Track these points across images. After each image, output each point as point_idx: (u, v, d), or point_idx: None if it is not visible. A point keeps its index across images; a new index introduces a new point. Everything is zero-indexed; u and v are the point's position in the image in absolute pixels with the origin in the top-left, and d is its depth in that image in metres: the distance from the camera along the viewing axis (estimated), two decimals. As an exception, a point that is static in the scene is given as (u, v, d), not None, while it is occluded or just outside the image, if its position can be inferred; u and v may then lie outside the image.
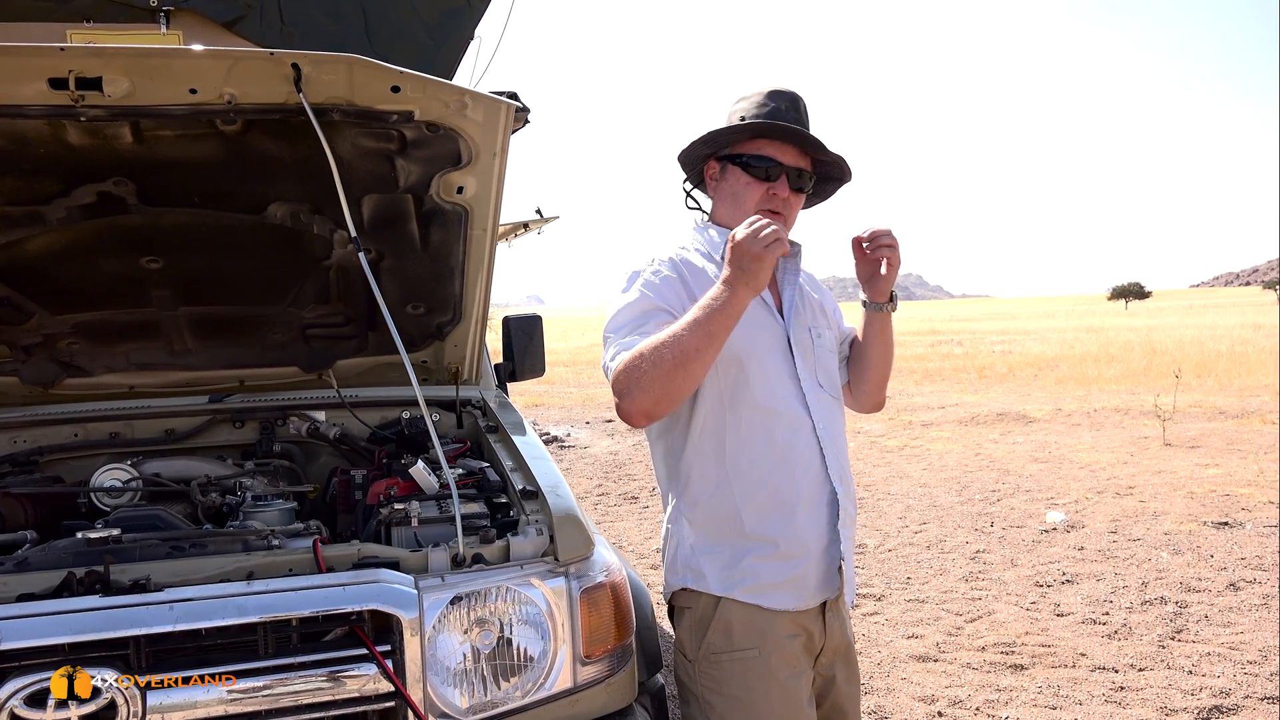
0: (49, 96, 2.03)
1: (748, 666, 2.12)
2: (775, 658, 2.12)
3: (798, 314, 2.26)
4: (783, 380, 2.18)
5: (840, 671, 2.29)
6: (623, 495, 9.02)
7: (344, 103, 2.18)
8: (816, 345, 2.26)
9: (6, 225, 2.42)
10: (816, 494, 2.16)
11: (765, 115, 2.18)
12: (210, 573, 1.87)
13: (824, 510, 2.16)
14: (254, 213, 2.54)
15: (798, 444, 2.15)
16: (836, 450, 2.21)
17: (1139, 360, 21.14)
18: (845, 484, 2.21)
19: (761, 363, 2.16)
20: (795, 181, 2.19)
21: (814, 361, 2.25)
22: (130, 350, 2.96)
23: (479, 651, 1.94)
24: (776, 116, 2.17)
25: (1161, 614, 5.23)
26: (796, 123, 2.18)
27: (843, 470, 2.21)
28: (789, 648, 2.15)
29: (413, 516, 2.16)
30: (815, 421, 2.17)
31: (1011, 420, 13.08)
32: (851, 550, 2.25)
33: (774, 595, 2.13)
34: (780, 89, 2.23)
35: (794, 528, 2.13)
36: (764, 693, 2.12)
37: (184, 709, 1.72)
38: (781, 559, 2.13)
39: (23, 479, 2.70)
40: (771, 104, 2.19)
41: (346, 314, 2.95)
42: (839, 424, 2.28)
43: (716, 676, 2.14)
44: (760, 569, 2.12)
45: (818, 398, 2.21)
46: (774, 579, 2.13)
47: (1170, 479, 8.78)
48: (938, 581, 6.01)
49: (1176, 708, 4.08)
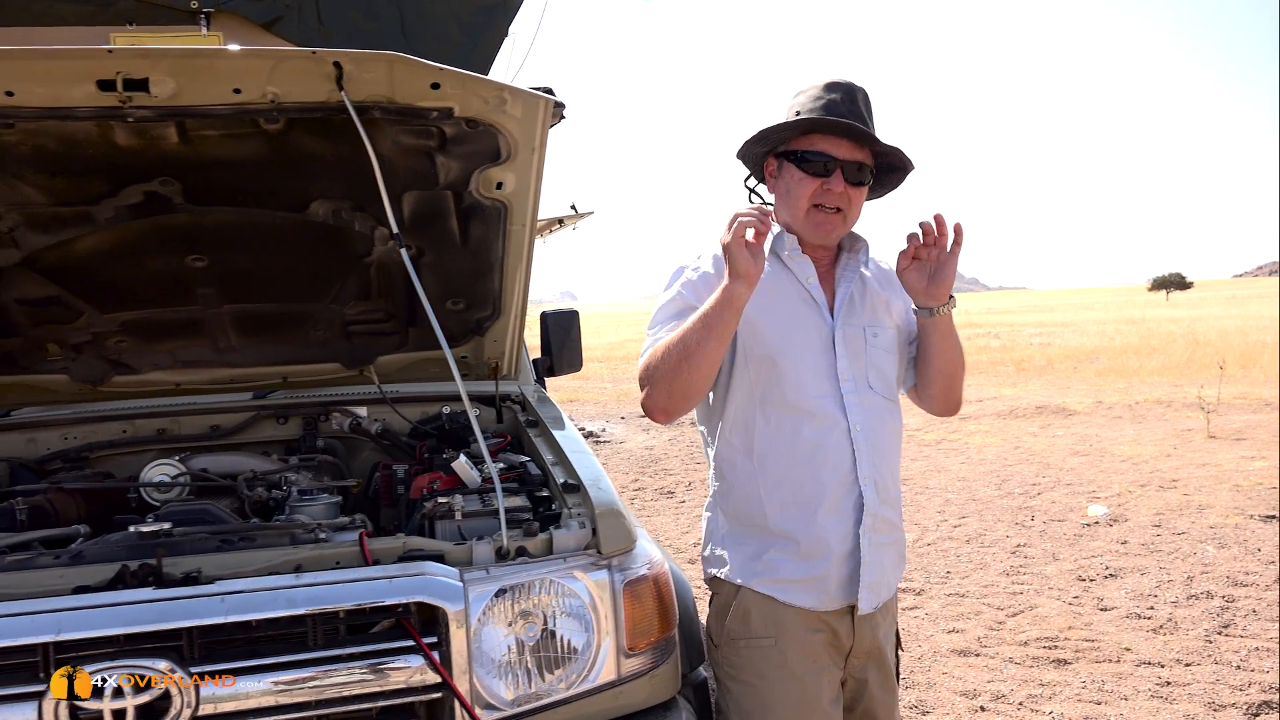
0: (97, 98, 2.06)
1: (763, 655, 2.16)
2: (792, 650, 2.14)
3: (851, 312, 2.22)
4: (818, 380, 2.16)
5: (873, 676, 2.25)
6: (659, 490, 9.03)
7: (385, 100, 2.19)
8: (870, 345, 2.21)
9: (57, 225, 2.47)
10: (842, 496, 2.14)
11: (820, 109, 2.12)
12: (259, 565, 1.89)
13: (849, 513, 2.14)
14: (296, 211, 2.56)
15: (827, 444, 2.13)
16: (875, 454, 2.16)
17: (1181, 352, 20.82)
18: (881, 489, 2.16)
19: (795, 361, 2.15)
20: (853, 175, 2.13)
21: (865, 362, 2.20)
22: (176, 348, 3.00)
23: (523, 643, 1.96)
24: (831, 109, 2.12)
25: (1208, 608, 5.16)
26: (852, 115, 2.12)
27: (879, 474, 2.16)
28: (808, 641, 2.15)
29: (456, 510, 2.18)
30: (851, 423, 2.14)
31: (1051, 413, 12.94)
32: (885, 561, 2.19)
33: (791, 591, 2.15)
34: (837, 80, 2.16)
35: (815, 527, 2.13)
36: (778, 682, 2.15)
37: (236, 699, 1.75)
38: (802, 557, 2.14)
39: (74, 475, 2.76)
40: (827, 96, 2.14)
41: (387, 310, 2.97)
42: (886, 427, 2.22)
43: (735, 662, 2.20)
44: (780, 564, 2.15)
45: (861, 399, 2.17)
46: (792, 575, 2.14)
47: (1215, 472, 8.65)
48: (978, 576, 5.96)
49: (1224, 703, 4.02)
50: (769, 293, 2.15)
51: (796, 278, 2.22)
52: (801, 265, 2.22)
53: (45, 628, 1.68)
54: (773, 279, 2.18)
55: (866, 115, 2.16)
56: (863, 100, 2.16)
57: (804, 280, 2.22)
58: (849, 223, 2.19)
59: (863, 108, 2.15)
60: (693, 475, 9.57)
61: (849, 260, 2.26)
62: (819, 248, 2.24)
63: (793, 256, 2.22)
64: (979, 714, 4.04)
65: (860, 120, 2.13)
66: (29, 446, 2.92)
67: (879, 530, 2.17)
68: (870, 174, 2.17)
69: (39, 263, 2.58)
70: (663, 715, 2.09)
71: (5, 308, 2.70)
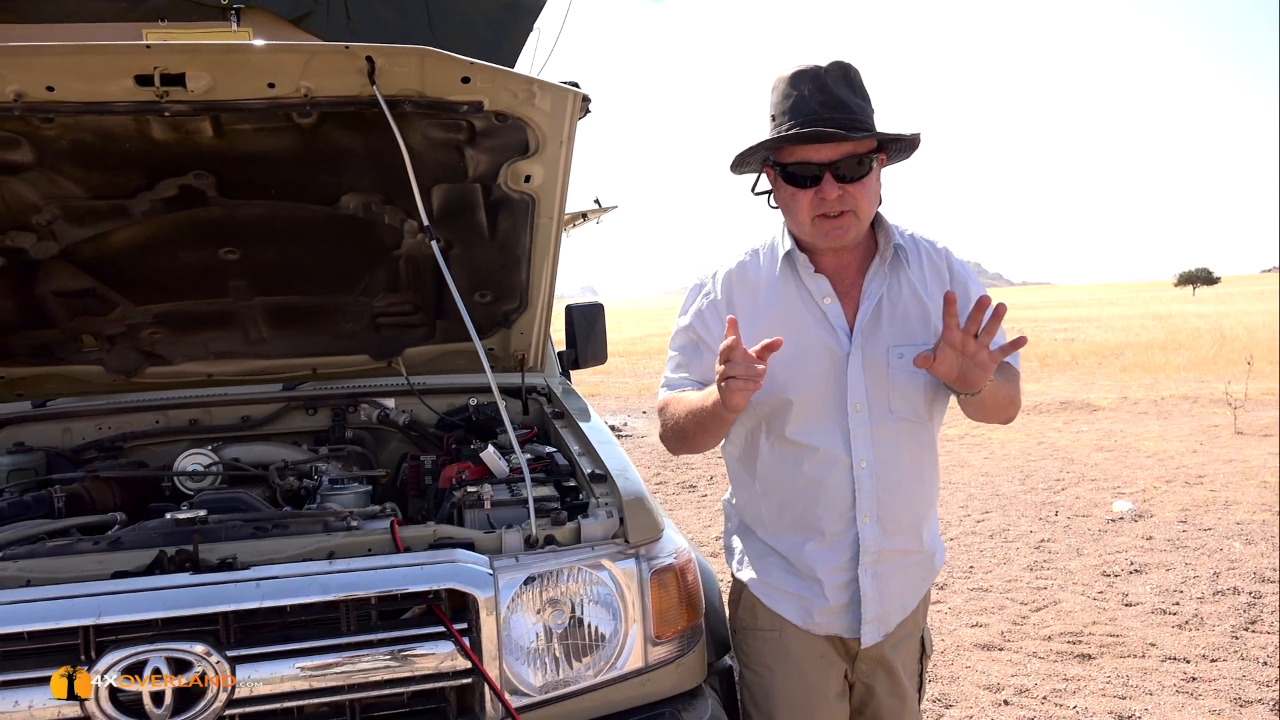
0: (135, 93, 2.11)
1: (768, 646, 2.21)
2: (794, 644, 2.17)
3: (874, 331, 2.07)
4: (824, 414, 2.07)
5: (880, 683, 2.21)
6: (680, 484, 9.04)
7: (415, 94, 2.23)
8: (894, 369, 2.05)
9: (93, 219, 2.52)
10: (838, 532, 2.09)
11: (791, 108, 1.97)
12: (293, 552, 1.93)
13: (844, 549, 2.09)
14: (327, 204, 2.60)
15: (827, 480, 2.07)
16: (882, 488, 2.07)
17: (1208, 347, 20.61)
18: (887, 522, 2.08)
19: (800, 397, 2.06)
20: (849, 171, 1.96)
21: (886, 387, 2.06)
22: (208, 339, 3.05)
23: (551, 631, 1.98)
24: (800, 106, 1.95)
25: (1234, 604, 5.12)
26: (825, 105, 1.94)
27: (883, 510, 2.08)
28: (808, 638, 2.17)
29: (485, 499, 2.21)
30: (855, 460, 2.05)
31: (1075, 409, 12.86)
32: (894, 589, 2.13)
33: (783, 602, 2.17)
34: (802, 68, 1.98)
35: (804, 557, 2.13)
36: (782, 673, 2.19)
37: (271, 683, 1.78)
38: (794, 573, 2.16)
39: (110, 464, 2.81)
40: (794, 93, 1.97)
41: (415, 303, 3.00)
42: (904, 455, 2.10)
43: (746, 651, 2.27)
44: (774, 571, 2.19)
45: (875, 429, 2.06)
46: (783, 587, 2.17)
47: (1242, 468, 8.57)
48: (1001, 570, 5.94)
49: (1251, 699, 4.00)
50: (777, 322, 2.05)
51: (813, 296, 2.09)
52: (818, 284, 2.09)
53: (86, 611, 1.72)
54: (784, 301, 2.10)
55: (846, 96, 1.97)
56: (837, 80, 1.97)
57: (819, 300, 2.09)
58: (862, 217, 2.02)
59: (839, 89, 1.96)
60: (714, 470, 9.58)
61: (878, 269, 2.10)
62: (841, 251, 2.09)
63: (806, 272, 2.09)
64: (1002, 708, 4.03)
65: (836, 108, 1.94)
66: (65, 436, 2.98)
67: (885, 563, 2.11)
68: (870, 160, 1.99)
69: (76, 255, 2.63)
70: (689, 703, 2.12)
71: (42, 300, 2.76)
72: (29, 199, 2.43)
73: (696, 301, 2.20)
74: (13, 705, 1.69)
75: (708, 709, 2.12)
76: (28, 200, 2.44)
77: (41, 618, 1.71)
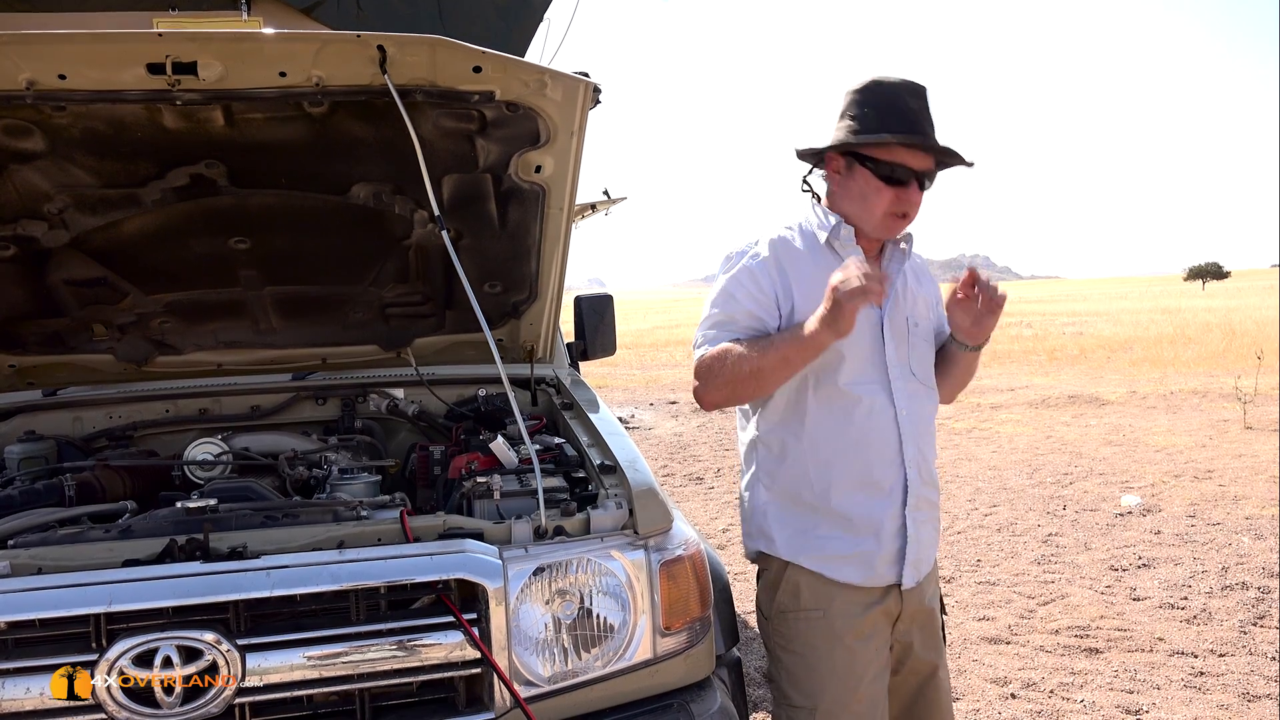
0: (147, 81, 2.10)
1: (813, 626, 2.24)
2: (840, 621, 2.23)
3: (897, 304, 2.28)
4: (870, 367, 2.23)
5: (918, 637, 2.35)
6: (688, 476, 9.05)
7: (427, 83, 2.22)
8: (913, 334, 2.30)
9: (105, 207, 2.52)
10: (888, 478, 2.23)
11: (897, 116, 2.14)
12: (303, 541, 1.93)
13: (896, 494, 2.24)
14: (338, 193, 2.60)
15: (875, 428, 2.22)
16: (917, 438, 2.26)
17: (1217, 342, 20.54)
18: (922, 471, 2.26)
19: (852, 349, 2.20)
20: (926, 183, 2.19)
21: (908, 350, 2.28)
22: (218, 329, 3.05)
23: (560, 621, 1.98)
24: (911, 119, 2.14)
25: (1243, 599, 5.11)
26: (926, 121, 2.16)
27: (921, 458, 2.26)
28: (856, 612, 2.23)
29: (495, 490, 2.21)
30: (898, 409, 2.23)
31: (1084, 403, 12.82)
32: (925, 536, 2.29)
33: (839, 568, 2.23)
34: (913, 83, 2.17)
35: (863, 507, 2.22)
36: (827, 652, 2.23)
37: (280, 671, 1.78)
38: (850, 534, 2.22)
39: (120, 452, 2.81)
40: (902, 104, 2.15)
41: (425, 293, 3.01)
42: (926, 413, 2.32)
43: (786, 634, 2.29)
44: (828, 541, 2.23)
45: (907, 385, 2.26)
46: (841, 551, 2.22)
47: (1252, 463, 8.54)
48: (1009, 564, 5.94)
49: (1259, 694, 3.99)
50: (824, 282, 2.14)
51: None
52: (857, 255, 2.23)
53: (97, 599, 1.72)
54: (826, 267, 2.19)
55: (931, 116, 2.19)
56: (928, 102, 2.19)
57: None
58: (911, 220, 2.24)
59: (928, 109, 2.18)
60: (721, 462, 9.58)
61: (894, 253, 2.31)
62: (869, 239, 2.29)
63: (846, 246, 2.24)
64: (1009, 701, 4.03)
65: (930, 123, 2.16)
66: (75, 425, 2.98)
67: (921, 509, 2.27)
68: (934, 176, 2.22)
69: (87, 244, 2.64)
70: (697, 694, 2.11)
71: (53, 288, 2.76)
72: (40, 187, 2.44)
73: (743, 261, 2.26)
74: (24, 692, 1.70)
75: (716, 700, 2.12)
76: (39, 189, 2.44)
77: (53, 605, 1.71)
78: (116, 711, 1.71)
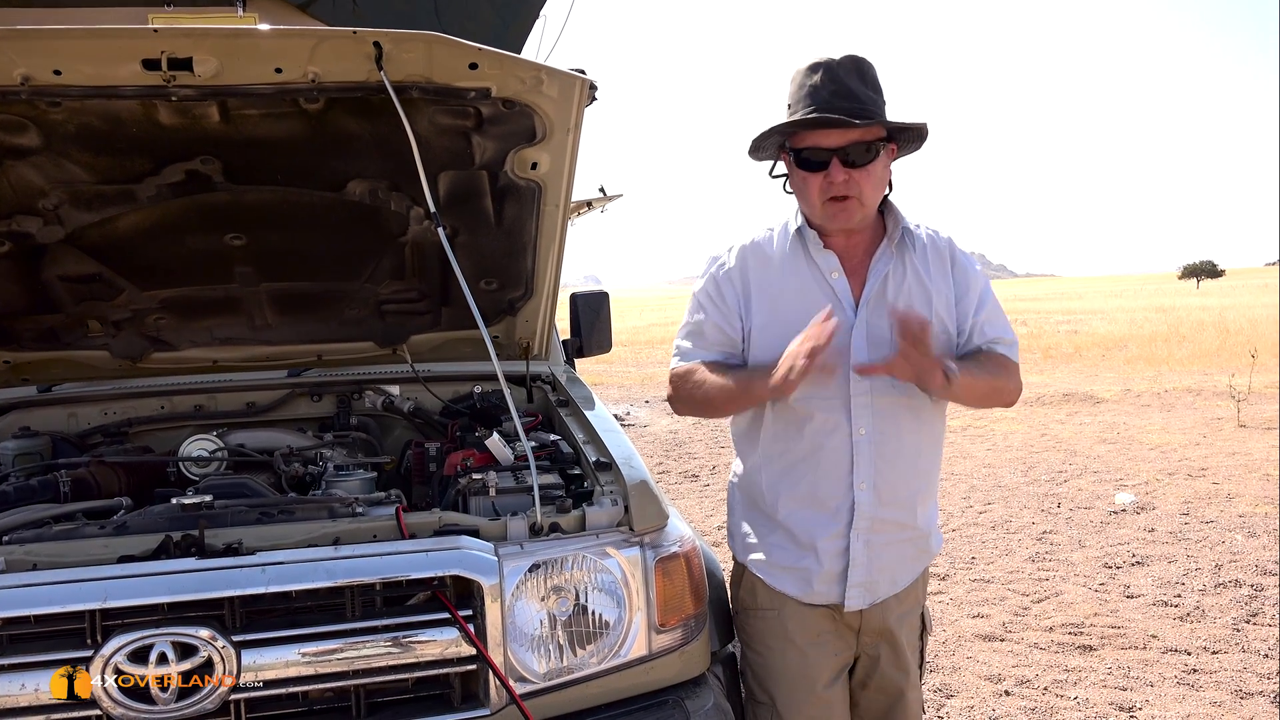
0: (142, 77, 2.10)
1: (767, 625, 2.28)
2: (792, 622, 2.25)
3: (880, 305, 2.17)
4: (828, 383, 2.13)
5: (885, 653, 2.30)
6: (683, 474, 9.06)
7: (423, 80, 2.22)
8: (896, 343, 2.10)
9: (100, 203, 2.51)
10: (834, 497, 2.19)
11: (804, 96, 2.09)
12: (298, 538, 1.93)
13: (841, 514, 2.19)
14: (334, 190, 2.59)
15: (826, 446, 2.17)
16: (879, 457, 2.16)
17: (1212, 340, 20.57)
18: (884, 491, 2.17)
19: None
20: (856, 157, 2.06)
21: None
22: (214, 325, 3.05)
23: (556, 618, 1.98)
24: (815, 95, 2.07)
25: (1236, 597, 5.13)
26: (837, 94, 2.04)
27: (880, 477, 2.16)
28: (808, 616, 2.25)
29: (490, 486, 2.21)
30: (854, 427, 2.15)
31: (1078, 401, 12.85)
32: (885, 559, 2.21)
33: (780, 577, 2.26)
34: (817, 61, 2.10)
35: (806, 523, 2.21)
36: (780, 652, 2.26)
37: (276, 668, 1.78)
38: (794, 547, 2.23)
39: (116, 449, 2.81)
40: (809, 82, 2.09)
41: (421, 290, 3.00)
42: (899, 430, 2.18)
43: (748, 630, 2.34)
44: (774, 549, 2.26)
45: (876, 400, 2.15)
46: (782, 563, 2.25)
47: (1245, 461, 8.57)
48: (1003, 562, 5.95)
49: (1251, 691, 4.01)
50: (788, 295, 2.19)
51: (820, 271, 2.21)
52: (825, 259, 2.20)
53: (92, 595, 1.72)
54: (795, 275, 2.21)
55: (856, 86, 2.07)
56: (849, 72, 2.08)
57: (826, 274, 2.20)
58: (867, 203, 2.13)
59: (849, 80, 2.07)
60: (716, 459, 9.58)
61: (885, 249, 2.21)
62: (851, 233, 2.21)
63: (815, 249, 2.21)
64: (1003, 698, 4.04)
65: (845, 97, 2.05)
66: (70, 421, 2.98)
67: (878, 531, 2.19)
68: (877, 148, 2.08)
69: (81, 240, 2.63)
70: (692, 691, 2.12)
71: (48, 285, 2.75)
72: (35, 183, 2.43)
73: (711, 269, 2.31)
74: (19, 688, 1.70)
75: (711, 697, 2.13)
76: (34, 184, 2.43)
77: (48, 601, 1.71)
78: (112, 708, 1.71)
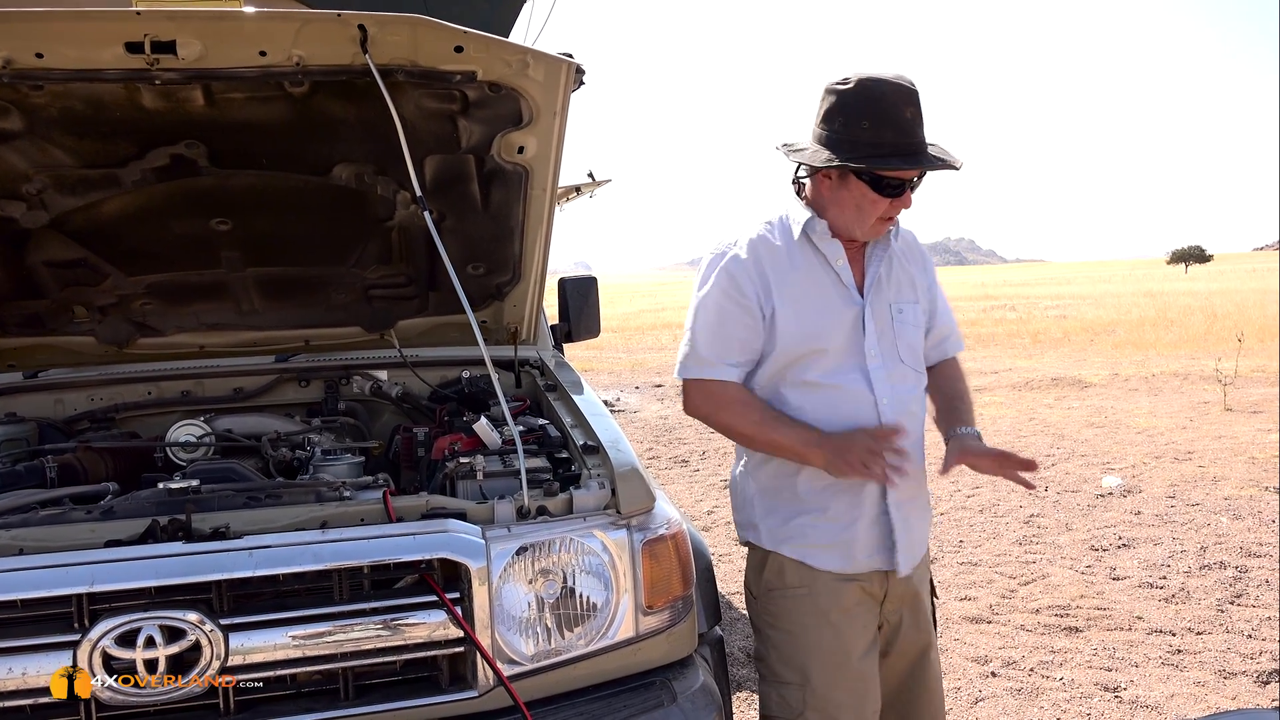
0: (125, 60, 2.09)
1: (799, 604, 2.29)
2: (824, 598, 2.27)
3: (879, 291, 2.30)
4: (847, 358, 2.25)
5: (907, 617, 2.38)
6: (673, 459, 9.08)
7: (408, 63, 2.21)
8: (897, 321, 2.31)
9: (84, 188, 2.50)
10: None
11: (895, 129, 2.09)
12: (286, 522, 1.93)
13: (873, 485, 2.25)
14: (319, 174, 2.59)
15: (855, 417, 2.23)
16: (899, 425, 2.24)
17: (1199, 325, 20.68)
18: (905, 458, 2.21)
19: (826, 346, 2.24)
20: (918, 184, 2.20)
21: (893, 337, 2.30)
22: (200, 310, 3.04)
23: (543, 600, 1.99)
24: (908, 130, 2.10)
25: (1221, 578, 5.17)
26: (920, 125, 2.13)
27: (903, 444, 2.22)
28: (840, 590, 2.27)
29: (478, 470, 2.21)
30: (878, 397, 2.25)
31: (1067, 385, 12.90)
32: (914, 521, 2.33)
33: (820, 555, 2.27)
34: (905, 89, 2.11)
35: (842, 495, 2.25)
36: (814, 628, 2.28)
37: (264, 651, 1.79)
38: (829, 522, 2.26)
39: (103, 434, 2.80)
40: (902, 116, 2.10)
41: (408, 274, 3.00)
42: (912, 398, 2.33)
43: (774, 611, 2.33)
44: (809, 530, 2.27)
45: (890, 373, 2.27)
46: (820, 540, 2.27)
47: (1231, 444, 8.62)
48: (990, 545, 5.99)
49: (1235, 671, 4.05)
50: (802, 281, 2.25)
51: (827, 260, 2.27)
52: (831, 247, 2.27)
53: (79, 579, 1.73)
54: (805, 264, 2.27)
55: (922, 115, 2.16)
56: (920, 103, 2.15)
57: (833, 262, 2.27)
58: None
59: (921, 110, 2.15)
60: (706, 444, 9.60)
61: (879, 241, 2.31)
62: None
63: (822, 239, 2.26)
64: (990, 679, 4.08)
65: (922, 126, 2.14)
66: (57, 407, 2.97)
67: (905, 496, 2.28)
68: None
69: (66, 225, 2.62)
70: (680, 672, 2.13)
71: (33, 270, 2.74)
72: (18, 167, 2.42)
73: (724, 264, 2.28)
74: (6, 672, 1.70)
75: (698, 678, 2.14)
76: (17, 169, 2.42)
77: (35, 586, 1.72)
78: (100, 691, 1.71)
